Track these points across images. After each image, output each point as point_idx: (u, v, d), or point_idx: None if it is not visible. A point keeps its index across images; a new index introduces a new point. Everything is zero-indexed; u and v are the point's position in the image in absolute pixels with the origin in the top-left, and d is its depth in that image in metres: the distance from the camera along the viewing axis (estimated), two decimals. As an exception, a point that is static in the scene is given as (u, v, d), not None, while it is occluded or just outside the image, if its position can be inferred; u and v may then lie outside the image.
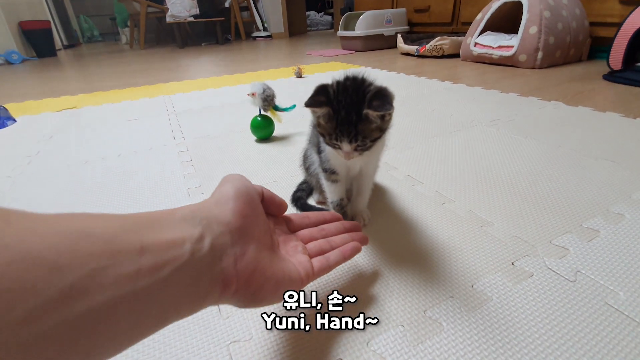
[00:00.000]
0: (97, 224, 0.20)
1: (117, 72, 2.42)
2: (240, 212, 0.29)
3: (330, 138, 0.43)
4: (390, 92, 0.42)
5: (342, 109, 0.40)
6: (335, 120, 0.41)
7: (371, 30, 2.60)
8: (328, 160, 0.50)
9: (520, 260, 0.46)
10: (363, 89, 0.42)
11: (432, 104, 1.20)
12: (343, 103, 0.40)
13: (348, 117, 0.40)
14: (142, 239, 0.21)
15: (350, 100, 0.40)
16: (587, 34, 1.76)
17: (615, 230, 0.51)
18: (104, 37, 6.18)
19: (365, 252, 0.49)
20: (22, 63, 3.30)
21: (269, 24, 4.44)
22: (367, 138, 0.42)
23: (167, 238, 0.23)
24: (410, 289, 0.42)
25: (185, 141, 0.97)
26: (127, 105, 1.42)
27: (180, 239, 0.23)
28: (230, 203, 0.29)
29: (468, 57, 1.97)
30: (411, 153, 0.81)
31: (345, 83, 0.42)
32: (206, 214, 0.27)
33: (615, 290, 0.41)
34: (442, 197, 0.62)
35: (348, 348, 0.35)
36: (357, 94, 0.41)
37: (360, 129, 0.41)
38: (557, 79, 1.46)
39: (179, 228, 0.24)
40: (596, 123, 0.94)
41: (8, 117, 1.26)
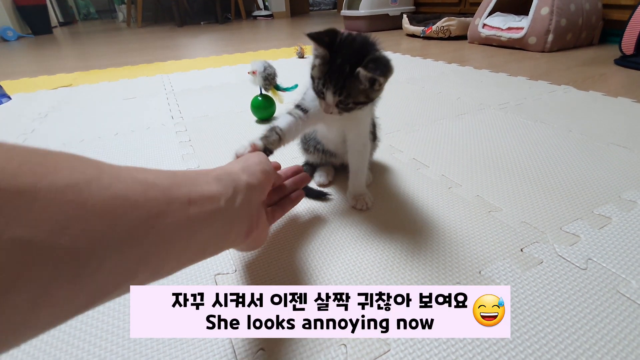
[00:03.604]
0: (156, 177, 0.25)
1: (114, 50, 2.36)
2: (266, 185, 0.37)
3: (318, 84, 0.43)
4: (390, 64, 0.41)
5: (339, 58, 0.40)
6: (328, 65, 0.41)
7: (376, 10, 2.51)
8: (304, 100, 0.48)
9: (529, 247, 0.44)
10: (368, 48, 0.41)
11: (439, 86, 1.16)
12: (343, 52, 0.40)
13: (341, 68, 0.40)
14: (190, 192, 0.27)
15: (350, 53, 0.40)
16: (600, 16, 1.69)
17: (627, 217, 0.50)
18: (101, 15, 6.01)
19: (369, 237, 0.48)
20: (18, 40, 3.22)
21: (270, 2, 4.31)
22: (350, 97, 0.42)
23: (209, 193, 0.28)
24: (415, 275, 0.41)
25: (183, 121, 0.95)
26: (124, 84, 1.38)
27: (218, 195, 0.29)
28: (258, 174, 0.36)
29: (476, 39, 1.91)
30: (417, 136, 0.79)
31: (355, 37, 0.42)
32: (235, 177, 0.33)
33: (627, 279, 0.39)
34: (449, 181, 0.60)
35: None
36: (360, 51, 0.40)
37: (347, 84, 0.40)
38: (568, 63, 1.41)
39: (215, 186, 0.30)
40: (607, 108, 0.91)
41: (3, 95, 1.23)
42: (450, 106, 0.97)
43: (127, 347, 0.35)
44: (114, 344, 0.35)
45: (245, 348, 0.34)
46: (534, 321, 0.35)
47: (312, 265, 0.43)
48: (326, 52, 0.41)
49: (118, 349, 0.35)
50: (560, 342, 0.33)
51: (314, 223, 0.51)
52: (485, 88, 1.12)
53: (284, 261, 0.44)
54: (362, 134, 0.51)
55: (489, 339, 0.33)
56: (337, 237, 0.48)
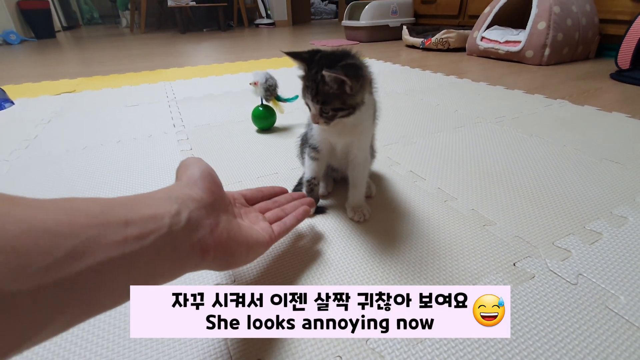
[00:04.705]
0: (88, 204, 0.24)
1: (117, 56, 2.38)
2: (209, 190, 0.33)
3: (303, 95, 0.46)
4: (359, 67, 0.43)
5: (315, 69, 0.43)
6: (306, 76, 0.44)
7: (376, 21, 2.55)
8: (313, 136, 0.53)
9: (522, 261, 0.46)
10: (343, 58, 0.44)
11: (437, 98, 1.18)
12: (319, 64, 0.42)
13: (315, 76, 0.43)
14: (127, 214, 0.25)
15: (325, 63, 0.42)
16: (597, 31, 1.73)
17: (618, 233, 0.51)
18: (104, 20, 6.06)
19: (365, 249, 0.49)
20: (21, 44, 3.25)
21: (272, 11, 4.37)
22: (327, 103, 0.43)
23: (149, 213, 0.26)
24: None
25: (185, 129, 0.96)
26: (127, 91, 1.40)
27: (160, 214, 0.27)
28: (199, 183, 0.33)
29: (474, 51, 1.94)
30: (414, 148, 0.80)
31: (334, 51, 0.45)
32: (180, 194, 0.30)
33: (616, 294, 0.41)
34: (445, 194, 0.61)
35: (347, 346, 0.35)
36: (335, 61, 0.43)
37: (320, 90, 0.42)
38: (564, 77, 1.44)
39: (158, 205, 0.28)
40: (602, 123, 0.93)
41: (5, 99, 1.24)
42: (447, 119, 0.98)
43: (128, 346, 0.36)
44: (115, 344, 0.36)
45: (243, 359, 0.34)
46: (524, 336, 0.36)
47: (306, 278, 0.44)
48: (305, 66, 0.44)
49: (119, 349, 0.36)
50: (550, 356, 0.34)
51: (311, 237, 0.52)
52: (483, 101, 1.14)
53: (282, 275, 0.45)
54: (362, 148, 0.53)
55: (480, 352, 0.34)
56: (334, 249, 0.49)
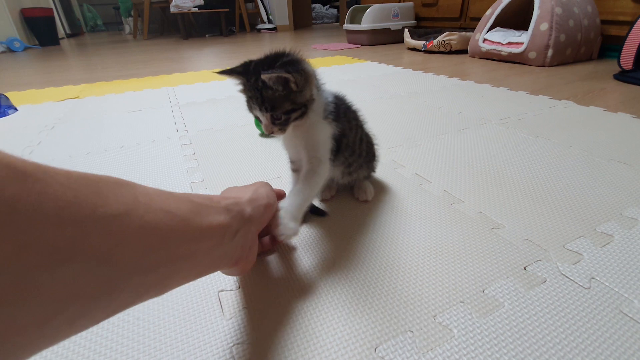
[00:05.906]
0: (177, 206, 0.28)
1: (120, 62, 2.40)
2: (266, 219, 0.40)
3: (249, 108, 0.43)
4: (300, 62, 0.41)
5: (254, 77, 0.40)
6: (245, 88, 0.42)
7: (378, 24, 2.56)
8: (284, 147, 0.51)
9: (532, 265, 0.45)
10: (278, 59, 0.41)
11: (440, 100, 1.18)
12: (257, 72, 0.39)
13: (255, 84, 0.40)
14: (202, 223, 0.29)
15: (262, 69, 0.39)
16: (599, 32, 1.72)
17: (629, 235, 0.50)
18: (107, 27, 6.12)
19: (371, 253, 0.48)
20: (25, 51, 3.28)
21: (273, 16, 4.39)
22: (277, 108, 0.40)
23: (216, 224, 0.31)
24: (418, 293, 0.41)
25: (188, 134, 0.96)
26: (130, 96, 1.40)
27: (224, 226, 0.32)
28: (261, 208, 0.38)
29: (476, 53, 1.94)
30: (419, 150, 0.79)
31: (267, 55, 0.42)
32: (241, 209, 0.35)
33: (629, 298, 0.40)
34: (451, 197, 0.61)
35: (356, 354, 0.34)
36: (271, 64, 0.40)
37: (265, 96, 0.40)
38: (567, 78, 1.43)
39: (223, 216, 0.32)
40: (608, 124, 0.92)
41: (9, 106, 1.25)
42: (452, 121, 0.98)
43: (131, 346, 0.36)
44: (117, 344, 0.36)
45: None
46: (538, 342, 0.35)
47: (312, 282, 0.43)
48: (243, 79, 0.41)
49: (122, 349, 0.35)
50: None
51: (313, 240, 0.52)
52: (487, 102, 1.13)
53: (286, 278, 0.45)
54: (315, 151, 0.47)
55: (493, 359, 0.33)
56: (337, 255, 0.48)
